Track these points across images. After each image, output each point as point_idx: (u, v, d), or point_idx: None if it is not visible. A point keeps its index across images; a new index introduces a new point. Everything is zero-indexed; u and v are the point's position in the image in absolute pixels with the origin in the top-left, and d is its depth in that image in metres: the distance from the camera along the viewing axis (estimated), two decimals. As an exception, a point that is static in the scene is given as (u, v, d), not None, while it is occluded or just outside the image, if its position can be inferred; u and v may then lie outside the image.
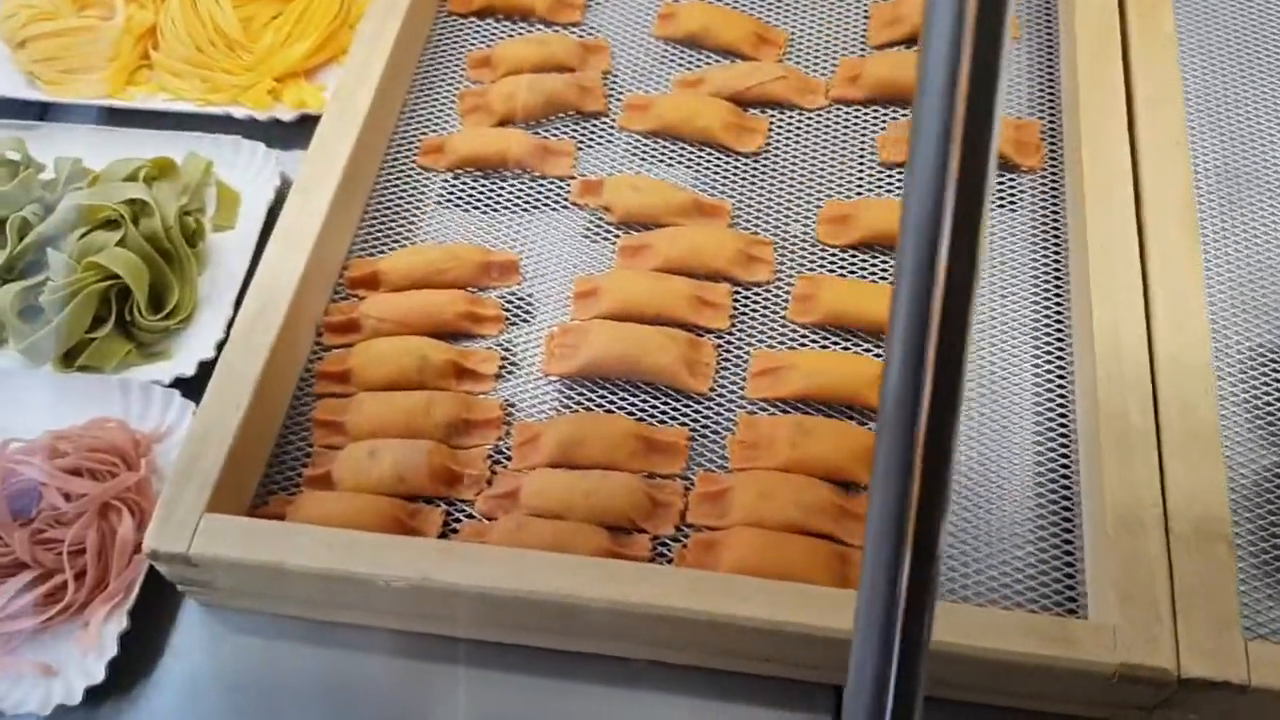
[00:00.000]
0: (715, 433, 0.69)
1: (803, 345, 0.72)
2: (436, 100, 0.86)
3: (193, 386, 0.75)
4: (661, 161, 0.82)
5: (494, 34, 0.89)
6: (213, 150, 0.85)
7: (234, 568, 0.61)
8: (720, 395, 0.70)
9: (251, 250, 0.80)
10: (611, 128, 0.84)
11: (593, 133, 0.84)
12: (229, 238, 0.83)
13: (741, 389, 0.70)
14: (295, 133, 0.87)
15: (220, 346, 0.75)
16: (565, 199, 0.80)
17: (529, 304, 0.76)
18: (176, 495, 0.63)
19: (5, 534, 0.67)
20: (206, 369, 0.75)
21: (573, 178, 0.81)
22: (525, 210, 0.80)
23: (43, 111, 0.90)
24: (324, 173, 0.76)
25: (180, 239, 0.78)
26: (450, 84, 0.87)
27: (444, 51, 0.89)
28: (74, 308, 0.74)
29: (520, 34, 0.89)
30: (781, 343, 0.72)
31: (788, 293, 0.74)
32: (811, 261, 0.76)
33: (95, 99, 0.89)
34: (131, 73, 0.90)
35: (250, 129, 0.87)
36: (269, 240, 0.73)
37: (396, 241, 0.79)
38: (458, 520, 0.67)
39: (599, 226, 0.79)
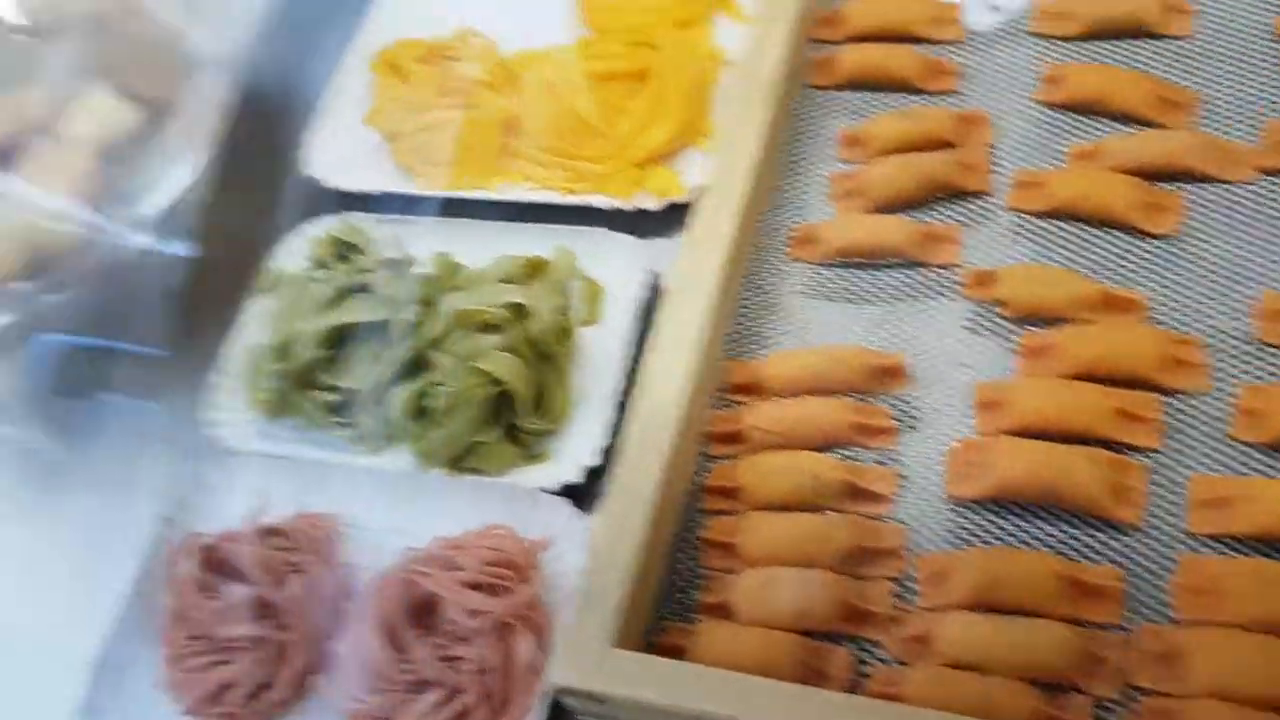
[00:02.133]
0: (1151, 572, 0.62)
1: (1255, 471, 0.63)
2: (805, 184, 0.82)
3: (576, 492, 0.74)
4: (1058, 246, 0.74)
5: (862, 108, 0.84)
6: (577, 242, 0.85)
7: (644, 709, 0.59)
8: (1154, 528, 0.63)
9: (623, 348, 0.79)
10: (998, 208, 0.77)
11: (977, 214, 0.77)
12: (597, 333, 0.82)
13: (1179, 520, 0.63)
14: (659, 221, 0.85)
15: (604, 453, 0.74)
16: (951, 290, 0.74)
17: (920, 412, 0.70)
18: (581, 626, 0.62)
19: (410, 650, 0.68)
20: (591, 474, 0.74)
21: (958, 265, 0.75)
22: (908, 303, 0.75)
23: (411, 204, 0.92)
24: (701, 272, 0.73)
25: (556, 340, 0.78)
26: (818, 165, 0.83)
27: (809, 129, 0.85)
28: (463, 413, 0.75)
29: (890, 107, 0.84)
30: (1226, 466, 0.64)
31: (1225, 403, 0.65)
32: (1252, 366, 0.67)
33: (460, 190, 0.90)
34: (494, 162, 0.91)
35: (613, 218, 0.86)
36: (650, 345, 0.71)
37: (770, 340, 0.75)
38: (864, 663, 0.62)
39: (992, 321, 0.73)
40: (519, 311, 0.78)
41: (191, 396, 0.85)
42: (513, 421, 0.76)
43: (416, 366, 0.79)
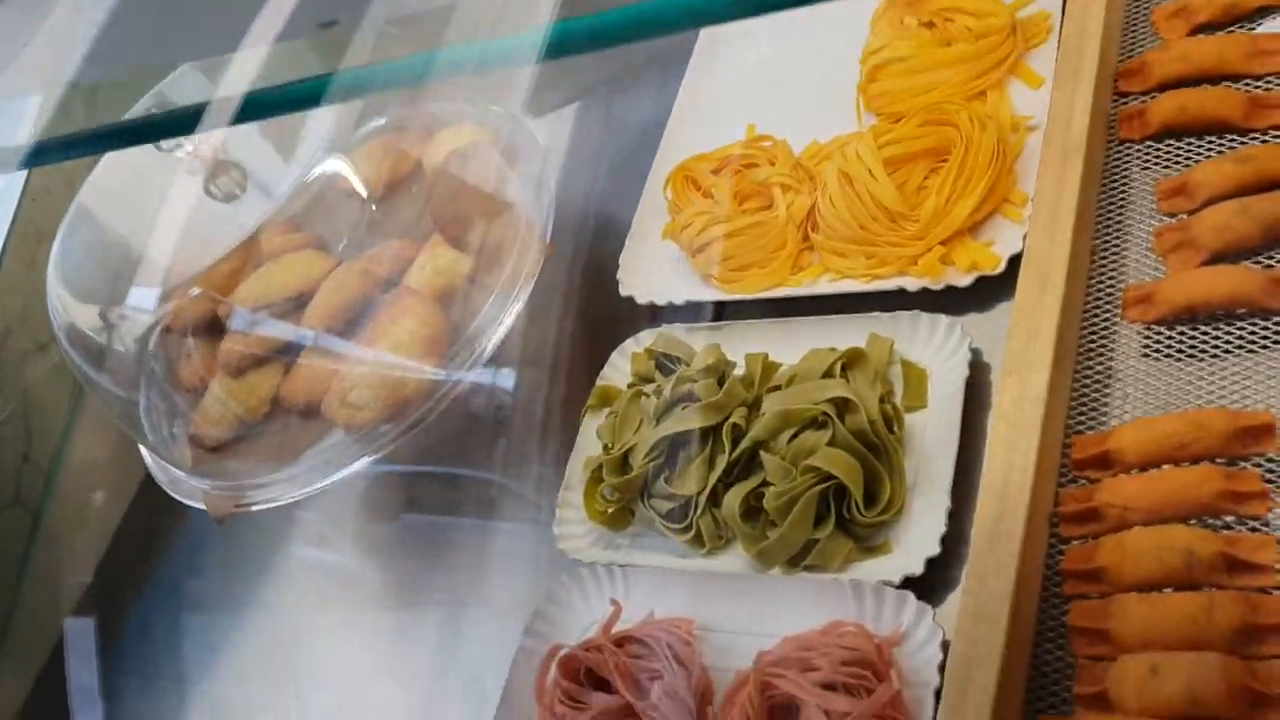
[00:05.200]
0: None
1: None
2: (1126, 242, 0.79)
3: (920, 585, 0.73)
4: None
5: (1179, 156, 0.80)
6: (891, 328, 0.84)
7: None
8: None
9: (952, 431, 0.77)
10: (1356, 242, 0.71)
11: (1332, 252, 0.71)
12: (923, 418, 0.81)
13: None
14: (969, 296, 0.84)
15: (943, 540, 0.73)
16: (1314, 338, 0.69)
17: (1297, 472, 0.65)
18: (952, 726, 0.60)
19: (776, 753, 0.68)
20: (932, 565, 0.73)
21: (1319, 310, 0.69)
22: (1264, 354, 0.70)
23: (719, 310, 0.95)
24: (1033, 350, 0.71)
25: (884, 429, 0.78)
26: (1138, 221, 0.79)
27: (1123, 185, 0.81)
28: (797, 512, 0.76)
29: (1211, 152, 0.79)
30: None
31: None
32: None
33: (766, 290, 0.92)
34: (796, 260, 0.93)
35: (922, 299, 0.85)
36: (991, 429, 0.70)
37: (1114, 410, 0.72)
38: (1272, 751, 0.57)
39: (1369, 367, 0.66)
40: (844, 405, 0.78)
41: (538, 513, 0.90)
42: (846, 515, 0.76)
43: (747, 468, 0.81)
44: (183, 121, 0.75)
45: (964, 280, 0.83)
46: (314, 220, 0.99)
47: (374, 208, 1.00)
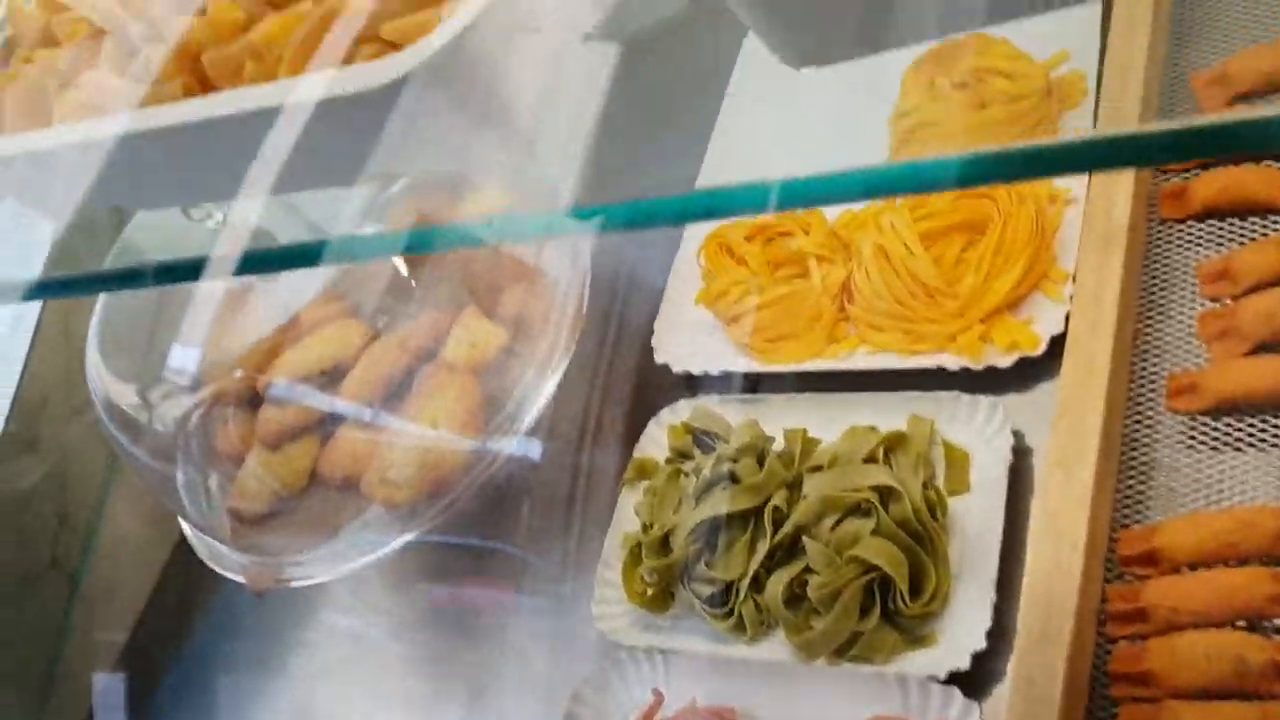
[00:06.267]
0: None
1: None
2: (1170, 326, 0.78)
3: (966, 680, 0.73)
4: None
5: (1223, 237, 0.80)
6: (932, 408, 0.84)
7: None
8: None
9: (995, 517, 0.77)
10: (1405, 333, 0.70)
11: (1381, 343, 0.71)
12: (966, 502, 0.80)
13: None
14: (1009, 376, 0.83)
15: (989, 635, 0.72)
16: (1365, 434, 0.68)
17: (1350, 575, 0.64)
18: (1006, 839, 0.60)
19: None
20: (978, 660, 0.73)
21: (1368, 404, 0.69)
22: (1314, 452, 0.69)
23: (754, 382, 0.95)
24: (1079, 442, 0.71)
25: (928, 517, 0.77)
26: (1181, 305, 0.79)
27: (1164, 265, 0.81)
28: (842, 605, 0.76)
29: (1258, 234, 0.79)
30: None
31: None
32: None
33: (801, 363, 0.92)
34: (832, 332, 0.92)
35: (962, 379, 0.85)
36: (1036, 523, 0.70)
37: (1159, 502, 0.72)
38: None
39: None
40: (887, 493, 0.78)
41: (574, 589, 0.90)
42: (891, 606, 0.76)
43: (788, 552, 0.81)
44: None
45: (1004, 361, 0.83)
46: (349, 289, 0.99)
47: (407, 275, 1.00)
